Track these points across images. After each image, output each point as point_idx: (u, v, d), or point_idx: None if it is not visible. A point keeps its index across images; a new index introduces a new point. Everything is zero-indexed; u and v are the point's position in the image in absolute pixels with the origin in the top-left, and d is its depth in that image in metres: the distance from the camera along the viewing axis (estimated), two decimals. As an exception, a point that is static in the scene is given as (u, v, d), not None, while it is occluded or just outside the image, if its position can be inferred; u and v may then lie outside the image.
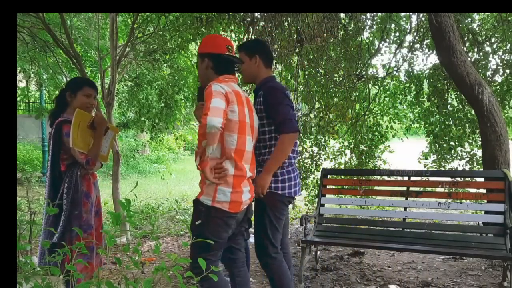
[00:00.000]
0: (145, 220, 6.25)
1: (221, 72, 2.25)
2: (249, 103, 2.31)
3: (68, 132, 2.51)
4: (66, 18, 5.34)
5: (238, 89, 2.26)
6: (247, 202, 2.27)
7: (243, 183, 2.21)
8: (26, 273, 1.54)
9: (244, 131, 2.20)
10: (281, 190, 2.53)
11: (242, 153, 2.19)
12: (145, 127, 6.96)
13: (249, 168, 2.26)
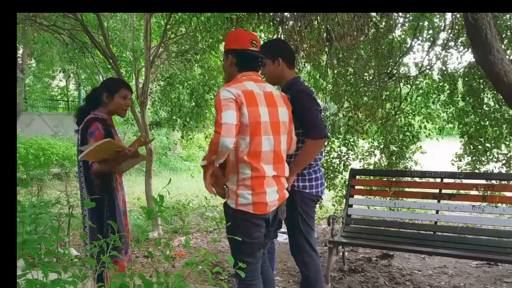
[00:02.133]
0: (176, 215, 6.40)
1: (244, 69, 2.20)
2: (270, 99, 2.18)
3: (93, 132, 2.52)
4: (103, 20, 5.54)
5: (252, 87, 2.13)
6: (274, 203, 2.20)
7: (266, 183, 2.14)
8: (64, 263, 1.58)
9: (259, 132, 2.10)
10: (309, 189, 2.57)
11: (258, 154, 2.11)
12: (176, 126, 7.12)
13: (272, 167, 2.17)
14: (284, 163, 2.27)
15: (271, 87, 2.28)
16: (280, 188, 2.23)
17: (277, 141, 2.19)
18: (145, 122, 5.45)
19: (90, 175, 2.59)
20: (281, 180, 2.25)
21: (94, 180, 2.59)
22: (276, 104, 2.20)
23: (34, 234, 1.59)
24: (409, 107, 6.14)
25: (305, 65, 5.48)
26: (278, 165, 2.21)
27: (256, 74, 2.24)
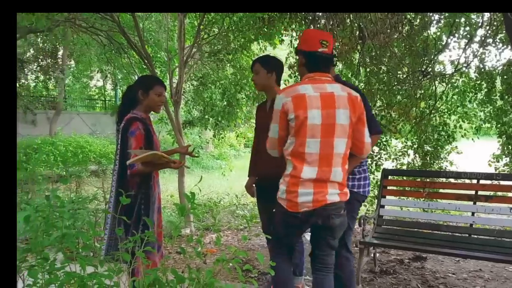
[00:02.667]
0: (207, 213, 6.50)
1: (312, 70, 2.21)
2: (328, 101, 2.14)
3: (134, 131, 2.56)
4: (139, 21, 5.69)
5: (305, 90, 2.15)
6: (307, 205, 2.16)
7: (301, 184, 2.15)
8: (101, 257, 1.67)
9: (304, 134, 2.13)
10: (357, 189, 2.57)
11: (301, 155, 2.15)
12: (208, 125, 7.21)
13: (316, 170, 2.15)
14: (333, 167, 2.16)
15: (336, 87, 2.18)
16: (317, 192, 2.16)
17: (327, 144, 2.14)
18: (178, 121, 5.56)
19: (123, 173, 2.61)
20: (324, 184, 2.16)
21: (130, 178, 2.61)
22: (334, 106, 2.13)
23: (72, 228, 1.66)
24: (444, 106, 5.98)
25: (337, 63, 5.42)
26: (324, 169, 2.15)
27: (321, 74, 2.21)
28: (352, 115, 2.16)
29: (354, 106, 2.16)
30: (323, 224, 2.23)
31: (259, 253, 1.71)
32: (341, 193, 2.22)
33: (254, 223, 6.03)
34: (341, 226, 2.28)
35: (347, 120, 2.15)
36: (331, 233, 2.27)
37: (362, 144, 2.25)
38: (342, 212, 2.25)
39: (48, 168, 11.08)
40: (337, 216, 2.22)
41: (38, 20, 4.30)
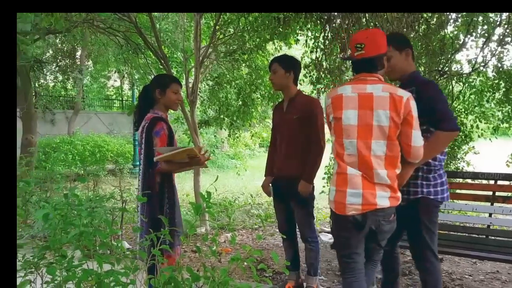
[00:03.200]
0: (222, 212, 6.53)
1: (357, 72, 2.25)
2: (366, 102, 2.13)
3: (159, 131, 2.60)
4: (155, 22, 5.75)
5: (343, 91, 2.19)
6: (355, 207, 2.14)
7: (349, 181, 2.15)
8: (118, 255, 1.66)
9: (340, 134, 2.19)
10: (434, 195, 2.40)
11: (341, 156, 2.20)
12: (224, 124, 7.25)
13: (359, 171, 2.15)
14: (374, 169, 2.12)
15: (377, 87, 2.13)
16: (366, 193, 2.13)
17: (364, 145, 2.13)
18: (194, 121, 5.61)
19: (149, 172, 2.64)
20: (371, 186, 2.13)
21: (155, 177, 2.64)
22: (371, 107, 2.11)
23: (90, 226, 1.70)
24: (461, 105, 5.88)
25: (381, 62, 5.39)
26: (367, 171, 2.14)
27: (366, 75, 2.19)
28: (394, 116, 2.08)
29: (396, 107, 2.08)
30: (374, 230, 2.22)
31: (274, 253, 1.72)
32: (392, 198, 2.16)
33: (269, 222, 6.04)
34: (391, 231, 2.26)
35: (387, 122, 2.09)
36: (379, 237, 2.26)
37: (409, 147, 2.14)
38: (391, 218, 2.21)
39: (66, 167, 11.30)
40: (387, 222, 2.19)
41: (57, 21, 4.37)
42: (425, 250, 2.44)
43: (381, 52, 2.19)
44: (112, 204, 4.77)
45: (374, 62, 2.19)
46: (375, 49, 2.16)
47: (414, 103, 2.13)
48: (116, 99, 20.28)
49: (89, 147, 13.05)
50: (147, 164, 2.63)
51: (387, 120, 2.09)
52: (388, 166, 2.14)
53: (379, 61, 2.20)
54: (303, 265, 3.60)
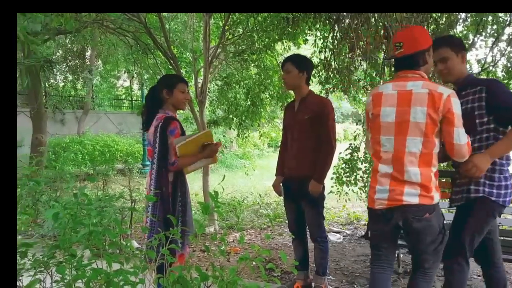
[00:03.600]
0: (231, 212, 6.54)
1: (397, 69, 2.28)
2: (405, 99, 2.14)
3: (173, 130, 2.65)
4: (165, 22, 5.77)
5: (383, 89, 2.24)
6: (382, 202, 2.19)
7: (379, 181, 2.22)
8: (127, 255, 1.67)
9: (377, 132, 2.23)
10: (496, 197, 2.30)
11: (377, 153, 2.26)
12: (233, 124, 7.25)
13: (391, 168, 2.17)
14: (405, 166, 2.13)
15: (417, 84, 2.13)
16: (393, 190, 2.16)
17: (399, 142, 2.15)
18: (203, 121, 5.62)
19: (162, 171, 2.66)
20: (400, 183, 2.15)
21: (168, 177, 2.68)
22: (409, 104, 2.12)
23: (99, 226, 1.71)
24: (472, 105, 5.80)
25: (361, 63, 5.37)
26: (398, 168, 2.16)
27: (407, 72, 2.21)
28: (432, 113, 2.07)
29: (434, 104, 2.07)
30: (404, 227, 2.21)
31: (282, 252, 1.72)
32: (423, 196, 2.12)
33: (277, 222, 6.04)
34: (425, 230, 2.16)
35: (424, 119, 2.08)
36: (414, 237, 2.21)
37: (452, 146, 2.11)
38: (424, 216, 2.14)
39: (76, 167, 11.40)
40: (417, 220, 2.14)
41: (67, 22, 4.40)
42: (459, 250, 2.33)
43: (420, 49, 2.18)
44: (121, 203, 4.80)
45: (415, 59, 2.19)
46: (414, 46, 2.18)
47: (456, 101, 2.09)
48: (125, 99, 20.40)
49: (98, 147, 13.15)
50: (162, 163, 2.65)
51: (424, 117, 2.09)
52: (422, 163, 2.13)
53: (420, 57, 2.20)
54: (311, 265, 3.59)
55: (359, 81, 5.77)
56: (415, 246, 2.27)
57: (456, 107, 2.09)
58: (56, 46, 12.82)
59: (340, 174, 5.62)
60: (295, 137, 3.21)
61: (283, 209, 6.81)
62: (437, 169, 2.20)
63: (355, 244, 4.96)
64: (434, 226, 2.17)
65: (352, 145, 5.60)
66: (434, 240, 2.20)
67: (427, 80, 2.19)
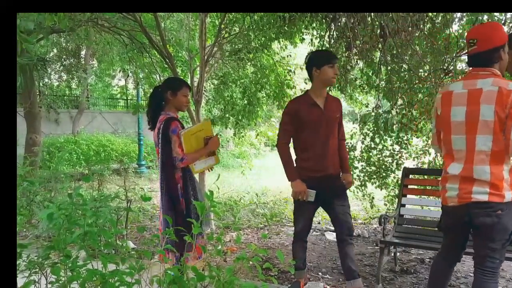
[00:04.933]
0: (228, 211, 6.53)
1: (470, 66, 2.28)
2: (475, 98, 2.15)
3: (175, 129, 2.82)
4: (160, 21, 5.74)
5: (454, 88, 2.26)
6: (453, 200, 2.27)
7: (448, 180, 2.29)
8: (122, 255, 1.65)
9: (448, 131, 2.26)
10: None
11: (449, 152, 2.29)
12: (229, 124, 7.24)
13: (462, 166, 2.21)
14: (475, 165, 2.16)
15: (487, 82, 2.13)
16: (462, 188, 2.21)
17: (470, 141, 2.18)
18: (199, 120, 5.60)
19: (166, 169, 2.85)
20: (469, 182, 2.18)
21: (175, 175, 2.87)
22: (479, 102, 2.13)
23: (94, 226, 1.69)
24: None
25: (357, 62, 5.37)
26: (467, 166, 2.20)
27: (479, 69, 2.20)
28: (499, 110, 2.07)
29: (502, 101, 2.06)
30: (473, 224, 2.22)
31: (279, 251, 1.71)
32: (493, 194, 2.13)
33: (274, 221, 6.03)
34: (495, 227, 2.15)
35: (492, 116, 2.09)
36: (483, 234, 2.21)
37: (507, 141, 2.10)
38: (495, 213, 2.13)
39: (71, 167, 11.34)
40: (486, 215, 2.14)
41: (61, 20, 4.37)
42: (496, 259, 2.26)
43: (494, 46, 2.15)
44: (117, 203, 4.78)
45: (488, 56, 2.17)
46: (488, 43, 2.15)
47: None
48: (121, 98, 20.30)
49: (93, 147, 13.09)
50: (167, 162, 2.84)
51: (492, 114, 2.09)
52: (493, 161, 2.13)
53: (494, 54, 2.17)
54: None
55: (356, 80, 5.78)
56: (482, 243, 2.24)
57: None
58: (50, 45, 12.73)
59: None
60: (328, 136, 3.09)
61: (279, 208, 6.85)
62: (510, 167, 2.18)
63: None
64: (505, 224, 2.15)
65: (349, 144, 5.60)
66: (503, 239, 2.18)
67: (499, 77, 2.16)
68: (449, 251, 2.49)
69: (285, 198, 7.88)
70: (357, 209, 6.78)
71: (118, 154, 13.41)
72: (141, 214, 6.18)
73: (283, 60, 7.23)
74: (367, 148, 5.44)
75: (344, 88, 5.50)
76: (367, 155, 5.46)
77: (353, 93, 6.22)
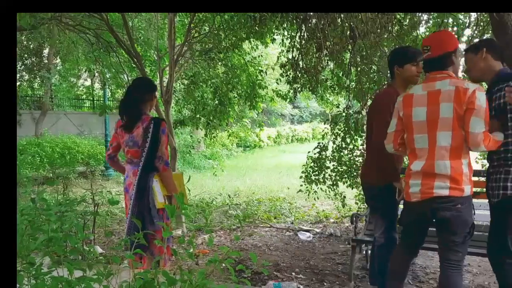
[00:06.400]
0: (200, 213, 6.45)
1: (426, 71, 2.40)
2: (434, 98, 2.26)
3: (164, 130, 2.86)
4: (128, 20, 5.62)
5: (414, 91, 2.38)
6: (416, 195, 2.33)
7: (411, 176, 2.36)
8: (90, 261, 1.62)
9: (411, 131, 2.36)
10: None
11: (412, 151, 2.38)
12: (200, 124, 7.16)
13: (424, 163, 2.29)
14: (436, 160, 2.26)
15: (445, 83, 2.25)
16: (425, 184, 2.29)
17: (431, 138, 2.28)
18: (169, 121, 5.51)
19: (149, 172, 2.85)
20: (431, 177, 2.27)
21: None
22: (438, 102, 2.25)
23: (59, 232, 1.62)
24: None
25: (328, 62, 5.42)
26: (429, 162, 2.29)
27: (436, 73, 2.32)
28: (457, 107, 2.20)
29: (460, 99, 2.19)
30: (435, 218, 2.33)
31: (252, 253, 1.69)
32: (453, 188, 2.23)
33: (247, 222, 6.00)
34: (455, 221, 2.26)
35: (451, 114, 2.22)
36: (445, 228, 2.31)
37: (467, 134, 2.21)
38: (455, 207, 2.23)
39: (33, 170, 10.90)
40: (447, 209, 2.24)
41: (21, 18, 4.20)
42: (506, 246, 2.35)
43: (446, 51, 2.31)
44: (83, 207, 4.63)
45: (442, 60, 2.32)
46: (440, 48, 2.32)
47: (481, 94, 2.20)
48: (86, 99, 19.77)
49: (58, 149, 12.66)
50: (151, 163, 2.83)
51: (450, 112, 2.22)
52: (453, 156, 2.25)
53: (447, 58, 2.32)
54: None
55: (327, 81, 5.83)
56: (445, 237, 2.34)
57: (480, 100, 2.19)
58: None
59: (309, 173, 5.65)
60: None
61: (252, 209, 6.83)
62: (468, 161, 2.30)
63: (325, 242, 5.00)
64: (465, 217, 2.27)
65: (321, 144, 5.64)
66: (464, 232, 2.29)
67: (455, 78, 2.31)
68: (408, 246, 2.56)
69: (258, 199, 7.88)
70: (329, 208, 6.84)
71: (84, 157, 13.00)
72: (109, 218, 6.02)
73: (254, 60, 7.22)
74: (338, 148, 5.50)
75: (315, 89, 5.54)
76: (338, 155, 5.51)
77: (324, 93, 6.28)
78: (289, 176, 10.84)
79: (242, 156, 17.95)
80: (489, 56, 2.48)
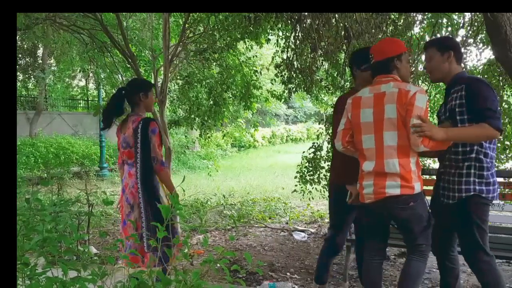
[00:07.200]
0: (194, 214, 6.45)
1: (373, 76, 2.50)
2: (379, 100, 2.36)
3: (155, 130, 2.82)
4: (122, 20, 5.60)
5: (362, 93, 2.47)
6: (369, 196, 2.39)
7: (364, 177, 2.43)
8: (84, 261, 1.62)
9: (359, 132, 2.44)
10: (485, 193, 2.40)
11: (361, 152, 2.45)
12: (194, 124, 7.15)
13: (374, 163, 2.37)
14: (385, 159, 2.33)
15: (389, 86, 2.36)
16: (376, 184, 2.36)
17: (378, 138, 2.36)
18: (164, 121, 5.50)
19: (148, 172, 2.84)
20: (382, 177, 2.34)
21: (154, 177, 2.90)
22: (383, 103, 2.35)
23: (54, 232, 1.62)
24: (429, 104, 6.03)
25: (323, 63, 5.44)
26: (379, 161, 2.36)
27: (382, 77, 2.43)
28: (399, 108, 2.29)
29: (401, 100, 2.29)
30: (392, 217, 2.46)
31: (247, 253, 1.70)
32: (404, 186, 2.30)
33: (242, 223, 6.00)
34: (410, 219, 2.38)
35: (395, 114, 2.30)
36: (403, 226, 2.45)
37: (408, 134, 2.29)
38: (408, 205, 2.33)
39: (28, 170, 10.87)
40: (401, 209, 2.35)
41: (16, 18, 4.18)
42: (478, 250, 2.42)
43: (386, 56, 2.43)
44: (78, 208, 4.61)
45: (384, 65, 2.44)
46: (381, 54, 2.45)
47: (421, 96, 2.28)
48: (81, 99, 19.69)
49: (52, 149, 12.61)
50: (147, 163, 2.82)
51: (395, 112, 2.30)
52: (401, 155, 2.32)
53: (389, 63, 2.43)
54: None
55: (321, 81, 5.84)
56: (406, 234, 2.49)
57: (420, 101, 2.27)
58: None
59: (304, 173, 5.66)
60: None
61: (247, 210, 6.83)
62: (416, 159, 2.37)
63: (320, 243, 5.01)
64: (420, 214, 2.38)
65: (315, 144, 5.66)
66: (422, 226, 2.40)
67: (399, 81, 2.41)
68: (373, 249, 2.58)
69: (253, 199, 7.88)
70: (324, 208, 6.86)
71: (78, 157, 12.97)
72: (103, 219, 6.00)
73: (249, 60, 7.22)
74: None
75: (310, 89, 5.55)
76: (332, 154, 5.53)
77: (318, 94, 6.29)
78: (284, 176, 10.85)
79: (236, 156, 17.96)
80: (454, 60, 2.53)
